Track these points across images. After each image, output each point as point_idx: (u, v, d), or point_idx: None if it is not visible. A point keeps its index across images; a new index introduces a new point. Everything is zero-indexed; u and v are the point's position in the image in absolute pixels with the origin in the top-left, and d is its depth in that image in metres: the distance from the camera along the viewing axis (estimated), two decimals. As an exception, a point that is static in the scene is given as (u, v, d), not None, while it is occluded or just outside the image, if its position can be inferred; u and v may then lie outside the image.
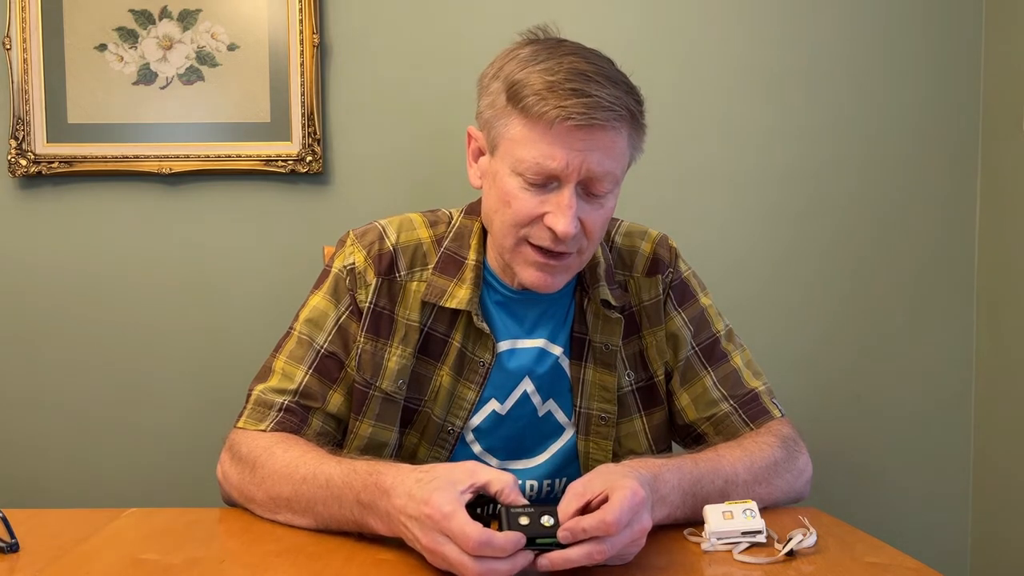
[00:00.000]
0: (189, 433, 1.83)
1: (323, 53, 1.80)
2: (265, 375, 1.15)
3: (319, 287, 1.18)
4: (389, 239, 1.17)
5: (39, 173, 1.78)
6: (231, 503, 1.10)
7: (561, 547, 0.82)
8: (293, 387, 1.13)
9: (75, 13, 1.78)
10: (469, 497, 0.85)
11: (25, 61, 1.77)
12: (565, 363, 1.18)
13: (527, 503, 0.85)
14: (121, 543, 0.96)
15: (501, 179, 1.06)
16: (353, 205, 1.82)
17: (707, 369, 1.20)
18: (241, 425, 1.11)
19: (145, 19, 1.79)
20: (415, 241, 1.18)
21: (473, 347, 1.15)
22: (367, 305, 1.15)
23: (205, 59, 1.79)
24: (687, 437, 1.23)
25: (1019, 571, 1.77)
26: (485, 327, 1.14)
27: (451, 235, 1.18)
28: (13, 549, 0.92)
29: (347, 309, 1.15)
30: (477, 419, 1.16)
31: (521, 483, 1.16)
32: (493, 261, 1.16)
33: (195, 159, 1.79)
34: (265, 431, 1.09)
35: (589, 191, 1.05)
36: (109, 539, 0.97)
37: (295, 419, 1.11)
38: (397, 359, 1.14)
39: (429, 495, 0.83)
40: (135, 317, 1.83)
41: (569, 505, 0.85)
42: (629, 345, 1.19)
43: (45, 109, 1.78)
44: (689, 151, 1.85)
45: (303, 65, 1.78)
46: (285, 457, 1.02)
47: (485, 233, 1.17)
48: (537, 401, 1.17)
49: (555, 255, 1.07)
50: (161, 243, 1.83)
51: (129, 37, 1.79)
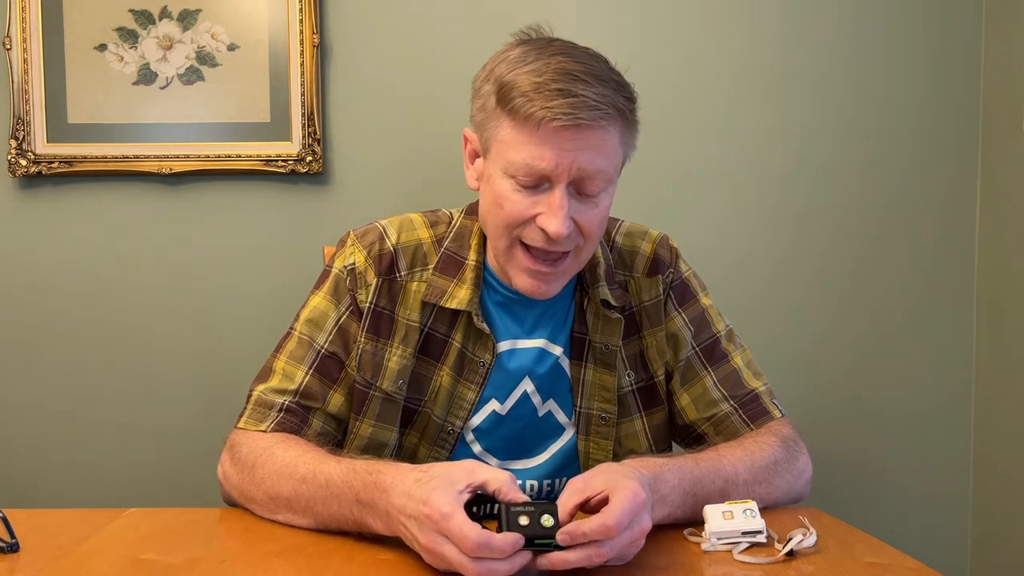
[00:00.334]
0: (189, 433, 1.83)
1: (323, 53, 1.80)
2: (265, 375, 1.15)
3: (319, 287, 1.18)
4: (389, 239, 1.17)
5: (39, 173, 1.78)
6: (231, 503, 1.10)
7: (560, 548, 0.82)
8: (293, 387, 1.13)
9: (75, 13, 1.78)
10: (468, 496, 0.85)
11: (25, 61, 1.77)
12: (565, 363, 1.18)
13: (527, 501, 0.85)
14: (121, 543, 0.96)
15: (494, 181, 1.07)
16: (353, 205, 1.82)
17: (707, 369, 1.20)
18: (241, 425, 1.12)
19: (145, 19, 1.79)
20: (415, 241, 1.18)
21: (473, 347, 1.15)
22: (367, 305, 1.15)
23: (205, 59, 1.79)
24: (687, 437, 1.23)
25: (1019, 571, 1.77)
26: (485, 327, 1.14)
27: (451, 235, 1.18)
28: (13, 549, 0.92)
29: (347, 309, 1.15)
30: (477, 419, 1.16)
31: (521, 483, 1.17)
32: (493, 262, 1.16)
33: (195, 159, 1.79)
34: (265, 431, 1.09)
35: (581, 190, 1.04)
36: (109, 539, 0.97)
37: (295, 419, 1.11)
38: (397, 359, 1.14)
39: (428, 495, 0.83)
40: (135, 317, 1.83)
41: (569, 500, 0.86)
42: (629, 345, 1.19)
43: (45, 109, 1.78)
44: (689, 151, 1.85)
45: (303, 65, 1.78)
46: (285, 457, 1.02)
47: (485, 234, 1.17)
48: (537, 401, 1.17)
49: (549, 260, 1.07)
50: (161, 243, 1.83)
51: (129, 37, 1.79)
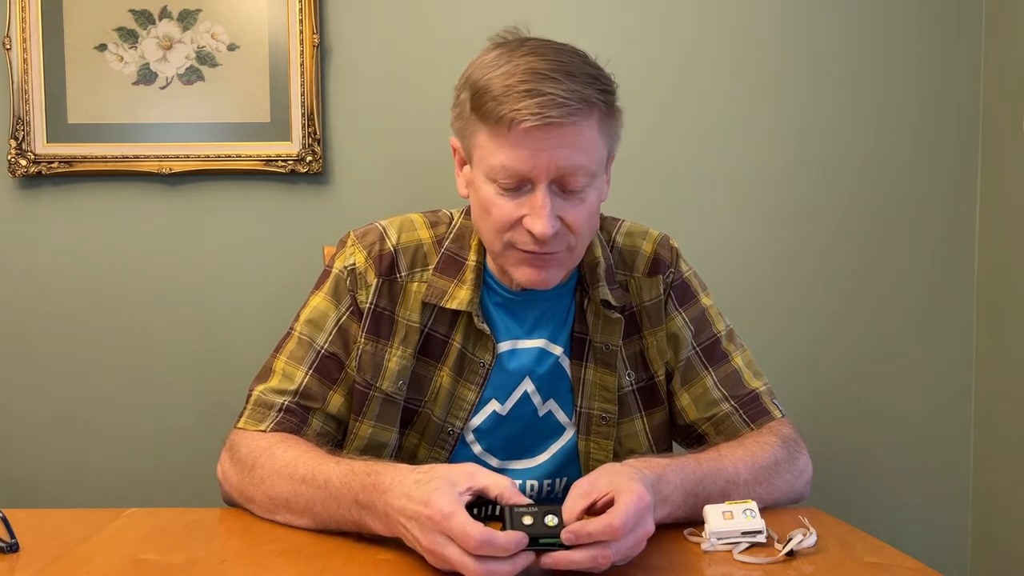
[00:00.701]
0: (189, 433, 1.83)
1: (323, 53, 1.80)
2: (265, 375, 1.15)
3: (320, 288, 1.18)
4: (390, 240, 1.17)
5: (39, 173, 1.78)
6: (231, 503, 1.10)
7: (564, 548, 0.82)
8: (293, 388, 1.13)
9: (75, 13, 1.78)
10: (468, 498, 0.85)
11: (25, 61, 1.77)
12: (566, 363, 1.18)
13: (530, 502, 0.85)
14: (121, 543, 0.96)
15: (479, 187, 1.07)
16: (353, 205, 1.82)
17: (708, 369, 1.20)
18: (241, 425, 1.12)
19: (145, 19, 1.79)
20: (416, 242, 1.18)
21: (473, 348, 1.15)
22: (368, 306, 1.15)
23: (205, 59, 1.79)
24: (688, 437, 1.23)
25: (1019, 571, 1.77)
26: (486, 328, 1.14)
27: (451, 236, 1.18)
28: (13, 549, 0.92)
29: (348, 310, 1.15)
30: (477, 420, 1.16)
31: (521, 483, 1.17)
32: (492, 263, 1.16)
33: (195, 159, 1.79)
34: (265, 431, 1.09)
35: (564, 188, 1.04)
36: (109, 539, 0.97)
37: (295, 419, 1.11)
38: (397, 360, 1.14)
39: (428, 496, 0.83)
40: (135, 317, 1.83)
41: (575, 505, 0.85)
42: (630, 345, 1.19)
43: (45, 109, 1.78)
44: (689, 151, 1.85)
45: (303, 65, 1.78)
46: (284, 457, 1.02)
47: None
48: (537, 401, 1.17)
49: (543, 252, 1.06)
50: (161, 243, 1.83)
51: (129, 37, 1.79)
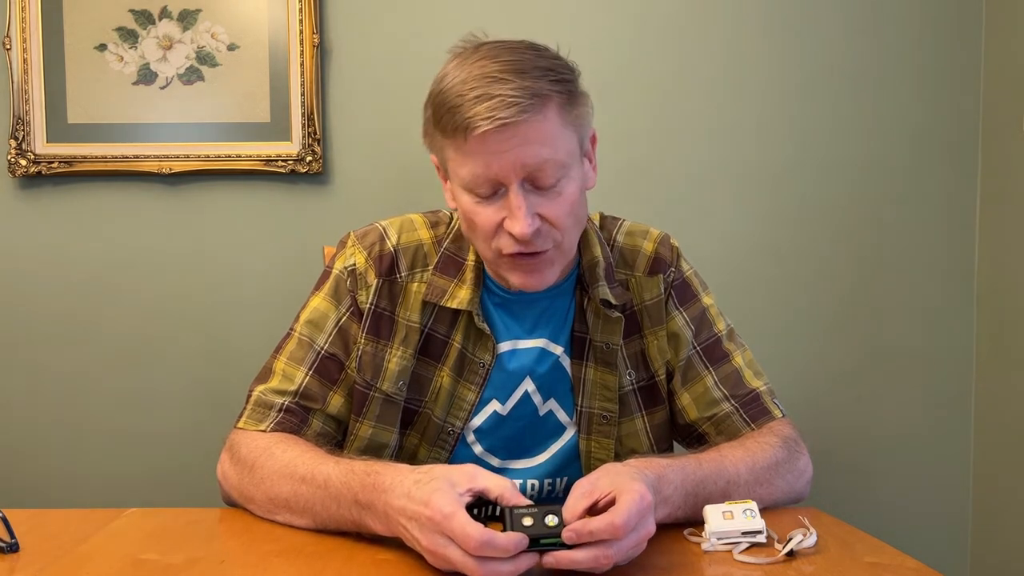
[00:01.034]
0: (189, 433, 1.83)
1: (323, 53, 1.80)
2: (265, 376, 1.15)
3: (320, 288, 1.18)
4: (390, 240, 1.17)
5: (39, 173, 1.79)
6: (231, 503, 1.10)
7: (565, 547, 0.82)
8: (293, 388, 1.13)
9: (75, 13, 1.78)
10: (469, 499, 0.84)
11: (25, 61, 1.77)
12: (566, 362, 1.18)
13: (531, 503, 0.84)
14: (121, 543, 0.95)
15: (459, 199, 1.07)
16: (353, 205, 1.82)
17: (708, 369, 1.20)
18: (241, 425, 1.11)
19: (145, 19, 1.79)
20: (416, 242, 1.18)
21: (473, 348, 1.15)
22: (368, 306, 1.15)
23: (205, 59, 1.79)
24: (688, 437, 1.23)
25: (1019, 571, 1.77)
26: (486, 328, 1.14)
27: (451, 236, 1.18)
28: (13, 549, 0.92)
29: (348, 310, 1.15)
30: (478, 420, 1.16)
31: (522, 483, 1.17)
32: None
33: (195, 159, 1.79)
34: (265, 431, 1.09)
35: (538, 184, 1.03)
36: (109, 539, 0.97)
37: (295, 420, 1.11)
38: (398, 360, 1.14)
39: (428, 496, 0.83)
40: (135, 317, 1.83)
41: (577, 505, 0.85)
42: (631, 344, 1.19)
43: (45, 109, 1.78)
44: (689, 151, 1.85)
45: (303, 65, 1.78)
46: (284, 457, 1.02)
47: None
48: (538, 401, 1.17)
49: (532, 253, 1.06)
50: (161, 243, 1.83)
51: (129, 37, 1.79)
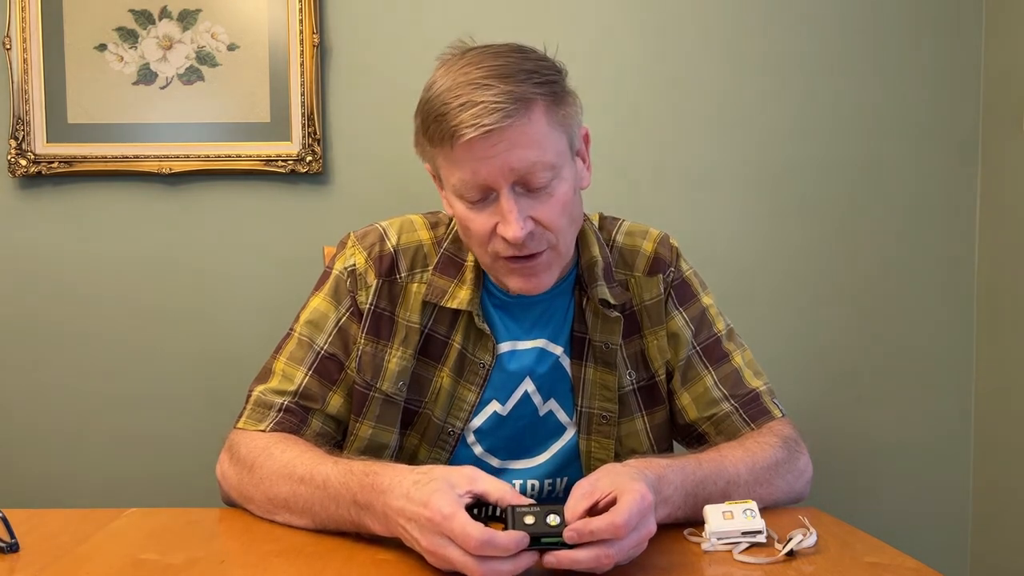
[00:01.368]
0: (189, 433, 1.83)
1: (323, 53, 1.80)
2: (265, 376, 1.15)
3: (320, 288, 1.18)
4: (390, 241, 1.17)
5: (39, 173, 1.78)
6: (230, 503, 1.10)
7: (567, 547, 0.82)
8: (293, 388, 1.13)
9: (75, 13, 1.78)
10: (468, 501, 0.84)
11: (25, 61, 1.77)
12: (566, 362, 1.18)
13: (532, 502, 0.84)
14: (121, 543, 0.96)
15: (453, 206, 1.08)
16: (353, 205, 1.82)
17: (708, 369, 1.20)
18: (241, 426, 1.12)
19: (145, 19, 1.79)
20: (416, 243, 1.18)
21: (473, 348, 1.15)
22: (367, 307, 1.15)
23: (205, 59, 1.79)
24: (688, 437, 1.23)
25: (1019, 572, 1.77)
26: (486, 328, 1.14)
27: (451, 237, 1.18)
28: (13, 549, 0.92)
29: (347, 311, 1.15)
30: (478, 421, 1.16)
31: (522, 483, 1.17)
32: None
33: (195, 159, 1.79)
34: (264, 432, 1.09)
35: (529, 186, 1.03)
36: (109, 539, 0.97)
37: (294, 420, 1.11)
38: (397, 360, 1.14)
39: (428, 497, 0.83)
40: (135, 317, 1.83)
41: (578, 505, 0.84)
42: (631, 344, 1.19)
43: (45, 109, 1.78)
44: (689, 151, 1.85)
45: (303, 65, 1.78)
46: (283, 458, 1.02)
47: None
48: (538, 401, 1.17)
49: (528, 256, 1.06)
50: (161, 243, 1.83)
51: (129, 37, 1.79)
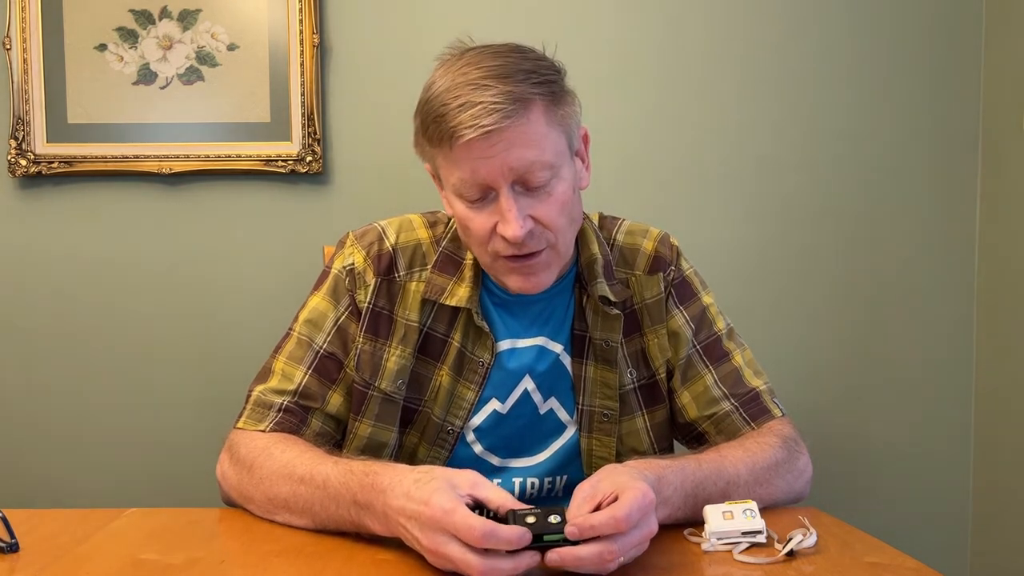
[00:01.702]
0: (189, 433, 1.83)
1: (323, 53, 1.80)
2: (265, 376, 1.15)
3: (319, 288, 1.18)
4: (388, 239, 1.18)
5: (39, 173, 1.78)
6: (230, 503, 1.10)
7: (569, 544, 0.81)
8: (292, 387, 1.13)
9: (75, 13, 1.78)
10: (468, 502, 0.84)
11: (25, 61, 1.77)
12: (566, 360, 1.18)
13: (533, 507, 0.84)
14: (121, 543, 0.96)
15: (453, 205, 1.08)
16: (353, 205, 1.82)
17: (708, 368, 1.20)
18: (240, 425, 1.12)
19: (145, 19, 1.79)
20: (414, 241, 1.18)
21: (472, 347, 1.15)
22: (366, 305, 1.15)
23: (205, 59, 1.79)
24: (688, 436, 1.23)
25: (1019, 572, 1.77)
26: (485, 326, 1.14)
27: (449, 235, 1.18)
28: (13, 549, 0.92)
29: (346, 309, 1.15)
30: (478, 419, 1.16)
31: (522, 481, 1.17)
32: None
33: (195, 159, 1.79)
34: (264, 431, 1.09)
35: (528, 185, 1.03)
36: (109, 539, 0.97)
37: (294, 419, 1.11)
38: (396, 359, 1.14)
39: (429, 496, 0.83)
40: (135, 317, 1.83)
41: (581, 508, 0.84)
42: (631, 343, 1.19)
43: (45, 109, 1.78)
44: (687, 152, 1.85)
45: (303, 65, 1.78)
46: (283, 458, 1.02)
47: None
48: (538, 399, 1.17)
49: (528, 255, 1.06)
50: (161, 243, 1.83)
51: (129, 37, 1.79)
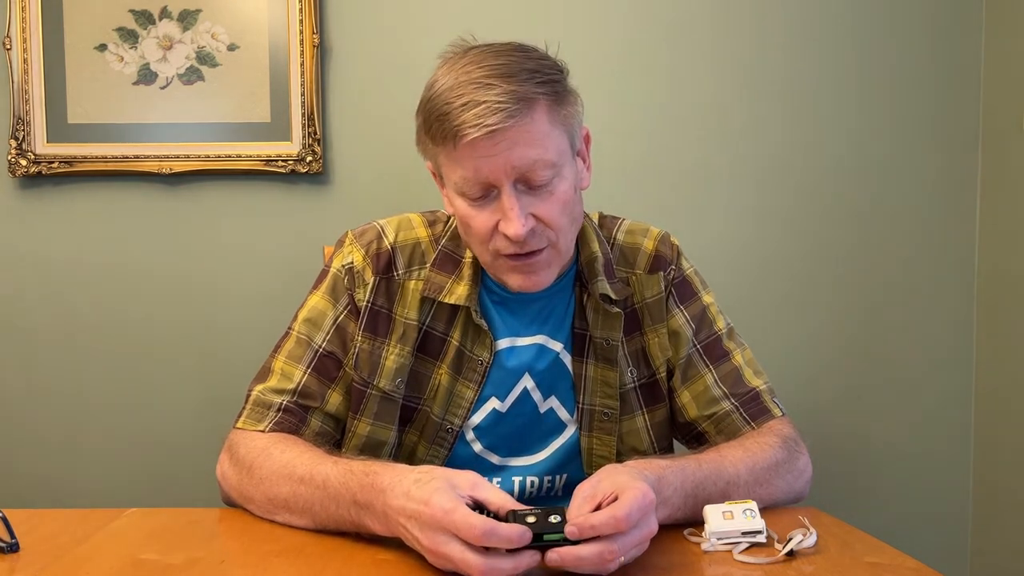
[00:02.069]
0: (189, 433, 1.83)
1: (323, 53, 1.80)
2: (264, 375, 1.15)
3: (318, 287, 1.18)
4: (387, 238, 1.18)
5: (39, 173, 1.78)
6: (230, 503, 1.10)
7: (569, 544, 0.81)
8: (292, 387, 1.13)
9: (75, 13, 1.78)
10: (468, 503, 0.84)
11: (25, 61, 1.77)
12: (567, 359, 1.18)
13: (533, 507, 0.84)
14: (121, 543, 0.95)
15: (454, 203, 1.08)
16: (353, 205, 1.82)
17: (708, 367, 1.20)
18: (240, 425, 1.12)
19: (145, 19, 1.79)
20: (413, 240, 1.18)
21: (472, 345, 1.15)
22: (365, 304, 1.15)
23: (205, 59, 1.79)
24: (688, 435, 1.23)
25: (1019, 572, 1.77)
26: (483, 324, 1.14)
27: (448, 234, 1.18)
28: (13, 549, 0.92)
29: (345, 308, 1.15)
30: (477, 418, 1.16)
31: (521, 480, 1.17)
32: None
33: (195, 159, 1.79)
34: (264, 431, 1.09)
35: (530, 184, 1.04)
36: (109, 539, 0.97)
37: (294, 419, 1.11)
38: (395, 358, 1.14)
39: (429, 495, 0.83)
40: (135, 317, 1.83)
41: (580, 509, 0.84)
42: (632, 342, 1.19)
43: (45, 109, 1.78)
44: (687, 152, 1.85)
45: (303, 65, 1.78)
46: (283, 458, 1.02)
47: None
48: (538, 398, 1.17)
49: (529, 254, 1.06)
50: (161, 243, 1.83)
51: (129, 37, 1.79)
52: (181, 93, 1.79)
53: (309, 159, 1.79)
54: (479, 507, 0.85)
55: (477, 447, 1.17)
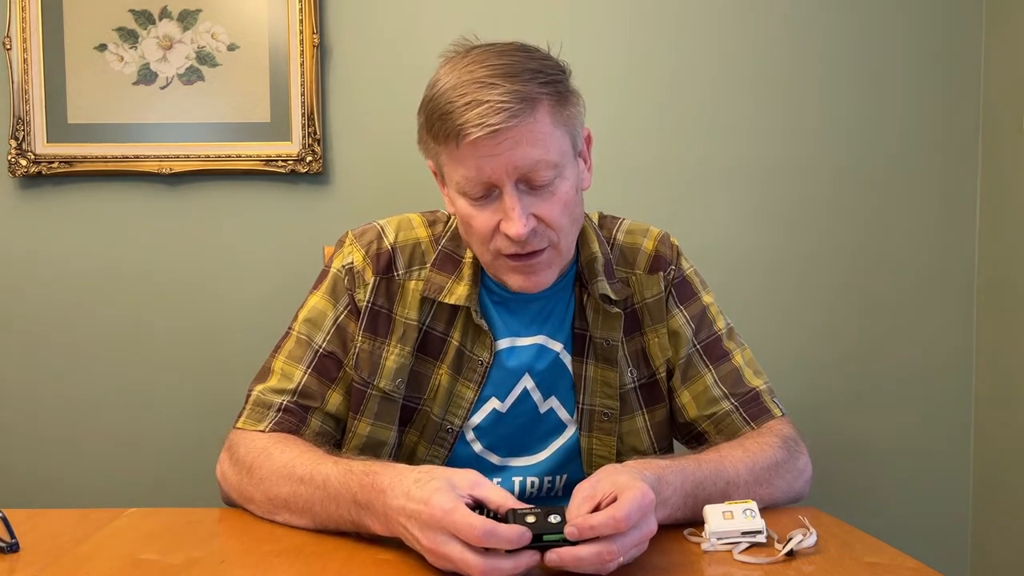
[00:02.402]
0: (189, 433, 1.83)
1: (323, 53, 1.80)
2: (264, 375, 1.15)
3: (318, 287, 1.18)
4: (387, 238, 1.18)
5: (39, 173, 1.79)
6: (230, 503, 1.10)
7: (568, 544, 0.81)
8: (292, 387, 1.13)
9: (75, 13, 1.78)
10: (468, 503, 0.84)
11: (25, 61, 1.77)
12: (567, 359, 1.18)
13: (533, 506, 0.84)
14: (121, 543, 0.96)
15: (455, 203, 1.08)
16: (353, 205, 1.82)
17: (708, 367, 1.20)
18: (240, 425, 1.12)
19: (145, 19, 1.79)
20: (413, 240, 1.18)
21: (472, 345, 1.15)
22: (365, 304, 1.15)
23: (205, 59, 1.79)
24: (688, 435, 1.23)
25: (1019, 571, 1.77)
26: (483, 324, 1.14)
27: (448, 234, 1.18)
28: (13, 549, 0.92)
29: (345, 308, 1.15)
30: (477, 418, 1.16)
31: (522, 480, 1.17)
32: None
33: (195, 159, 1.79)
34: (264, 431, 1.09)
35: (531, 184, 1.04)
36: (109, 539, 0.97)
37: (294, 419, 1.12)
38: (395, 358, 1.14)
39: (429, 495, 0.83)
40: (135, 317, 1.83)
41: (580, 508, 0.84)
42: (632, 342, 1.19)
43: (45, 109, 1.78)
44: (687, 152, 1.85)
45: (303, 65, 1.78)
46: (283, 458, 1.02)
47: None
48: (538, 398, 1.17)
49: (529, 254, 1.06)
50: (161, 243, 1.83)
51: (129, 37, 1.79)
52: (181, 93, 1.79)
53: (309, 159, 1.79)
54: (479, 506, 0.85)
55: (477, 447, 1.17)
